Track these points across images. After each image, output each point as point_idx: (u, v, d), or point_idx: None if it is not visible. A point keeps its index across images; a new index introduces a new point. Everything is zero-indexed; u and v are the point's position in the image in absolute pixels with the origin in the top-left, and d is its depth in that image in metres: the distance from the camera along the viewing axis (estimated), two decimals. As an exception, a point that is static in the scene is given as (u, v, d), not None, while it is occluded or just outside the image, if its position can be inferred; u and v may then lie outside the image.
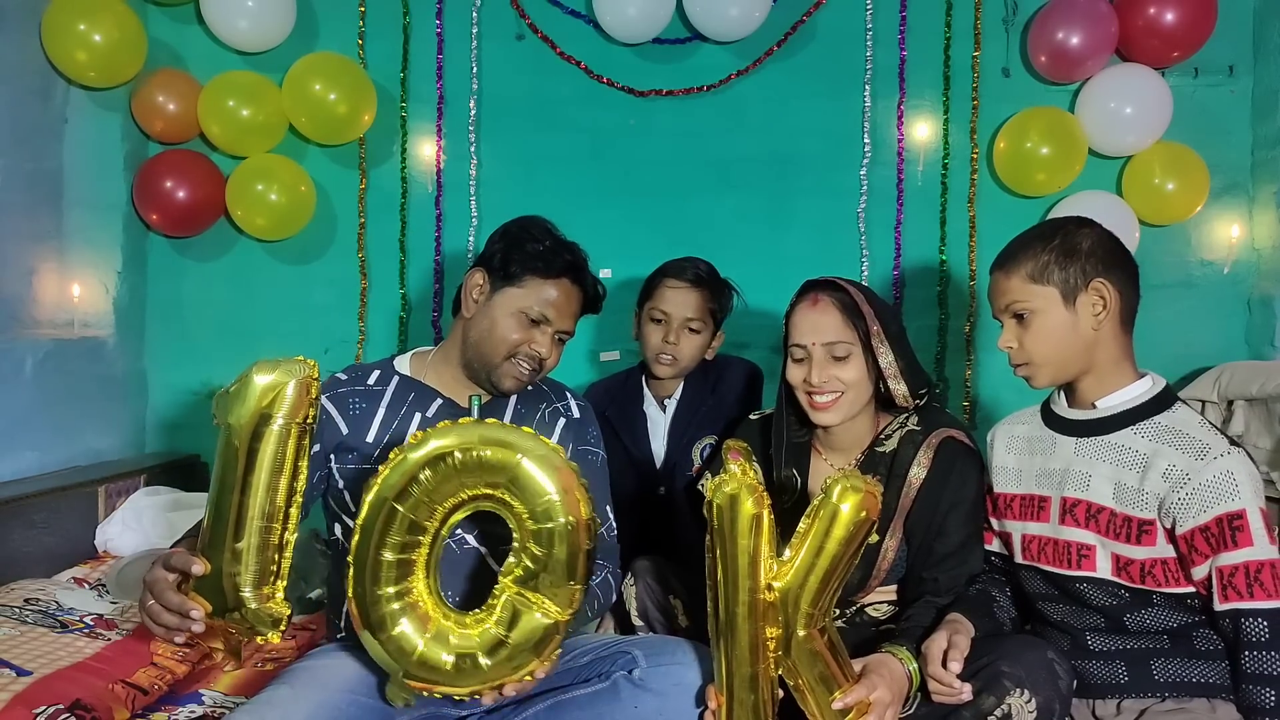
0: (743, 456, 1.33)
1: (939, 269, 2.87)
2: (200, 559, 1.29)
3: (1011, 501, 1.61)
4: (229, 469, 1.30)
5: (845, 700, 1.32)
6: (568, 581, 1.32)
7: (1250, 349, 2.78)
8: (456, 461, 1.28)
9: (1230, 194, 2.81)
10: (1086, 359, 1.49)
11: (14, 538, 2.22)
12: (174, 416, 3.04)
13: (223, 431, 1.31)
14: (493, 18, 2.95)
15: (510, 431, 1.30)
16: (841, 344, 1.58)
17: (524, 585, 1.33)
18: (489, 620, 1.34)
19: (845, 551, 1.28)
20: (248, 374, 1.29)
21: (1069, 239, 1.47)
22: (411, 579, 1.33)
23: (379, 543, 1.30)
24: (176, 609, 1.28)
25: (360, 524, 1.31)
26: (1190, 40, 2.66)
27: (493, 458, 1.28)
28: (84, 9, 2.57)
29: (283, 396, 1.28)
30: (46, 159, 2.65)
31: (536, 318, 1.60)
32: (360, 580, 1.32)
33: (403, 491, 1.29)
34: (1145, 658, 1.48)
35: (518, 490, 1.30)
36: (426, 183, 2.99)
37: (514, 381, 1.61)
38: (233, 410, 1.29)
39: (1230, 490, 1.37)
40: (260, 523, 1.29)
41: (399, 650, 1.33)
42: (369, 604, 1.32)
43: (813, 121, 2.90)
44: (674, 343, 2.14)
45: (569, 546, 1.30)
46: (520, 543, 1.33)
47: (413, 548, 1.32)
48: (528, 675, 1.35)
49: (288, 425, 1.28)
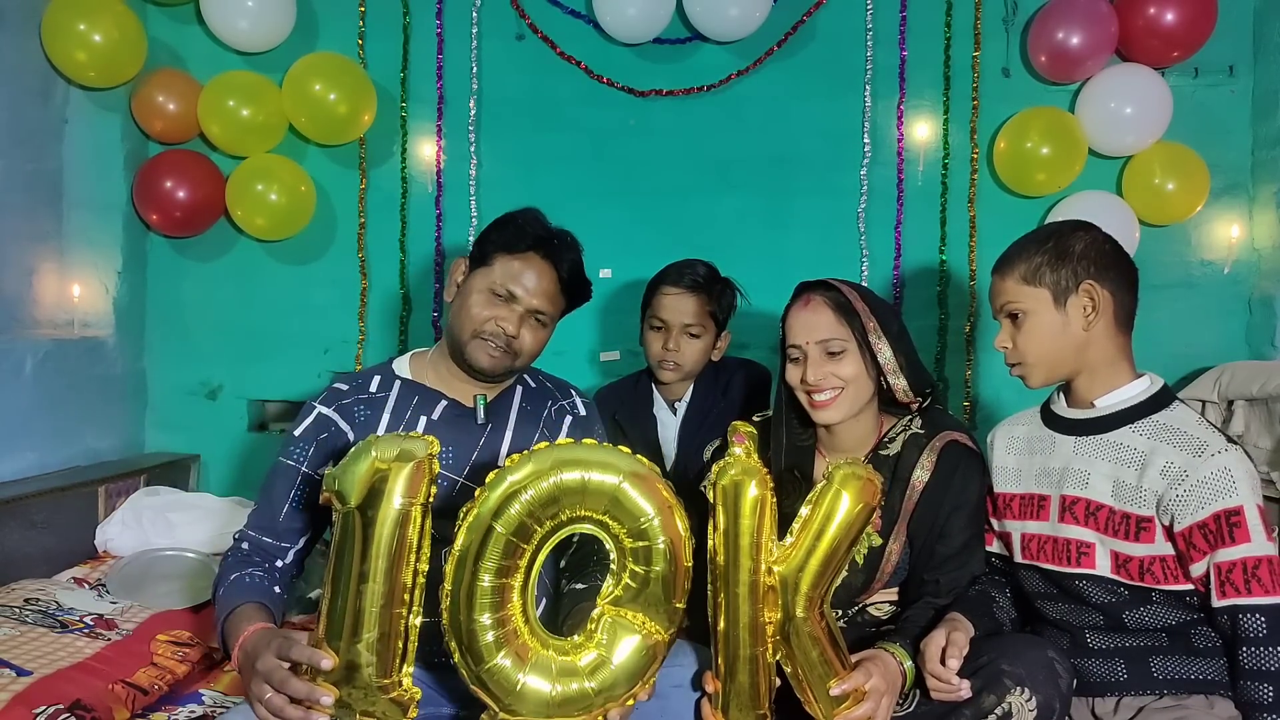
0: (749, 440, 1.34)
1: (939, 269, 2.87)
2: (328, 653, 1.23)
3: (1011, 501, 1.62)
4: (348, 553, 1.23)
5: (842, 686, 1.34)
6: (669, 600, 1.30)
7: (1250, 349, 2.78)
8: (560, 485, 1.25)
9: (1230, 194, 2.81)
10: (1078, 359, 1.51)
11: (14, 538, 2.22)
12: (174, 416, 3.03)
13: (336, 511, 1.25)
14: (493, 18, 2.95)
15: (610, 453, 1.29)
16: (835, 340, 1.58)
17: (625, 606, 1.31)
18: (590, 645, 1.31)
19: (846, 536, 1.31)
20: (363, 450, 1.24)
21: (1063, 242, 1.50)
22: (510, 606, 1.29)
23: (475, 567, 1.25)
24: (305, 698, 1.23)
25: (458, 551, 1.26)
26: (1190, 40, 2.66)
27: (594, 484, 1.26)
28: (84, 9, 2.57)
29: (401, 474, 1.22)
30: (46, 159, 2.64)
31: (502, 293, 1.58)
32: (456, 608, 1.27)
33: (500, 512, 1.25)
34: (1144, 655, 1.48)
35: (618, 513, 1.28)
36: (426, 183, 2.99)
37: (487, 359, 1.59)
38: (346, 489, 1.23)
39: (1228, 487, 1.38)
40: (384, 611, 1.23)
41: (500, 685, 1.27)
42: (466, 634, 1.27)
43: (813, 121, 2.90)
44: (674, 349, 2.14)
45: (669, 564, 1.29)
46: (619, 563, 1.31)
47: (510, 572, 1.27)
48: (630, 699, 1.32)
49: (407, 507, 1.23)
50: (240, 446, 3.02)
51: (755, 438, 1.52)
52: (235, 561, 1.54)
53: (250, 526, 1.58)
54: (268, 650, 1.27)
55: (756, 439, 1.54)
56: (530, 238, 1.60)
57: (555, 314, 1.65)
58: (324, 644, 1.25)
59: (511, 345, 1.59)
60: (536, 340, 1.63)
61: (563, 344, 2.88)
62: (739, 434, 1.35)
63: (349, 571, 1.23)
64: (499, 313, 1.58)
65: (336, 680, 1.24)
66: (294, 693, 1.24)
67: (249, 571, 1.51)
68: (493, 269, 1.60)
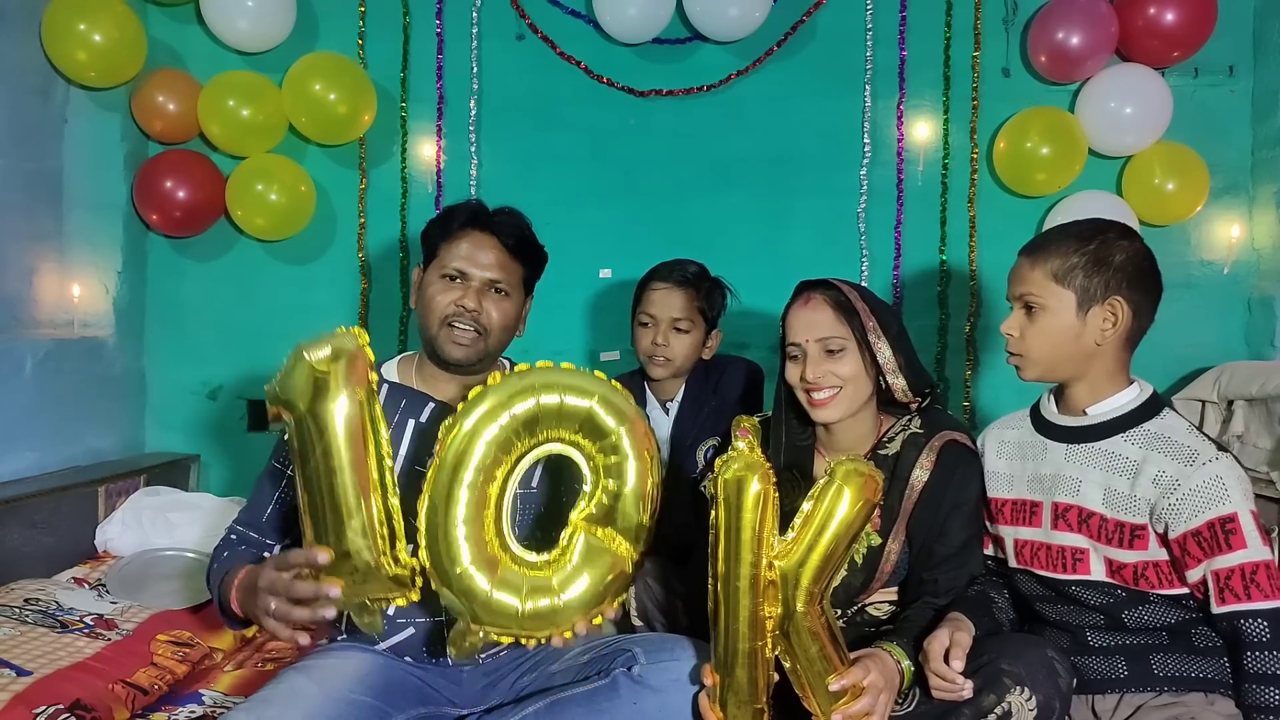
0: (752, 434, 1.35)
1: (939, 269, 2.87)
2: (322, 548, 1.28)
3: (1003, 506, 1.62)
4: (312, 456, 1.27)
5: (840, 682, 1.34)
6: (639, 517, 1.34)
7: (1250, 349, 2.78)
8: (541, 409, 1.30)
9: (1230, 194, 2.81)
10: (1080, 368, 1.50)
11: (14, 538, 2.22)
12: (174, 416, 3.04)
13: (288, 423, 1.29)
14: (493, 18, 2.95)
15: (583, 377, 1.34)
16: (835, 339, 1.58)
17: (597, 524, 1.35)
18: (563, 561, 1.34)
19: (847, 532, 1.32)
20: (296, 357, 1.27)
21: (1105, 248, 1.45)
22: (485, 515, 1.32)
23: (455, 475, 1.29)
24: (313, 594, 1.28)
25: (438, 459, 1.30)
26: (1190, 40, 2.66)
27: (568, 406, 1.31)
28: (84, 9, 2.57)
29: (339, 370, 1.26)
30: (46, 159, 2.65)
31: (453, 273, 1.60)
32: (433, 511, 1.30)
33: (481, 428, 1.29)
34: (1144, 653, 1.48)
35: (590, 431, 1.32)
36: (426, 183, 2.99)
37: (459, 349, 1.60)
38: (291, 397, 1.27)
39: (1220, 495, 1.38)
40: (360, 498, 1.27)
41: (469, 593, 1.30)
42: (441, 537, 1.29)
43: (813, 121, 2.90)
44: (662, 343, 2.15)
45: (640, 479, 1.33)
46: (593, 482, 1.35)
47: (488, 482, 1.31)
48: (598, 616, 1.36)
49: (353, 396, 1.27)
50: (240, 446, 3.02)
51: (759, 432, 1.53)
52: (224, 546, 1.61)
53: (239, 522, 1.64)
54: (265, 569, 1.33)
55: (760, 433, 1.54)
56: (463, 215, 1.63)
57: (514, 280, 1.65)
58: (314, 546, 1.28)
59: (479, 321, 1.60)
60: (502, 312, 1.63)
61: (562, 344, 2.90)
62: (742, 428, 1.36)
63: (318, 472, 1.27)
64: (455, 294, 1.60)
65: (335, 574, 1.28)
66: (300, 594, 1.28)
67: (239, 551, 1.59)
68: (440, 259, 1.63)
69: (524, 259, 1.66)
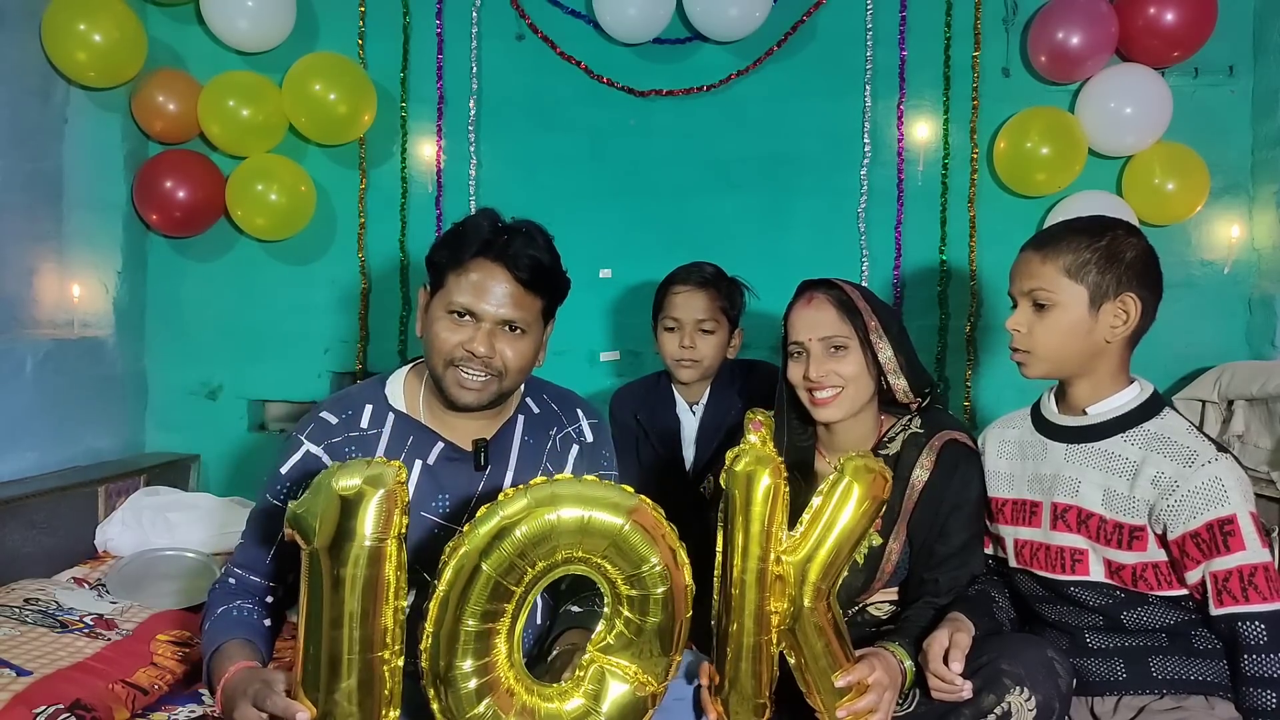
0: (764, 428, 1.35)
1: (939, 269, 2.87)
2: (305, 704, 1.14)
3: (1003, 506, 1.62)
4: (318, 596, 1.13)
5: (846, 678, 1.35)
6: (665, 653, 1.26)
7: (1250, 349, 2.78)
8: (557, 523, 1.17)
9: (1230, 194, 2.80)
10: (1087, 365, 1.49)
11: (14, 538, 2.22)
12: (174, 416, 3.03)
13: (304, 553, 1.14)
14: (493, 18, 2.95)
15: (612, 490, 1.21)
16: (838, 338, 1.59)
17: (616, 654, 1.25)
18: (576, 693, 1.26)
19: (856, 528, 1.32)
20: (325, 483, 1.12)
21: (1117, 244, 1.45)
22: (495, 652, 1.21)
23: (459, 610, 1.17)
24: None
25: (441, 591, 1.18)
26: (1190, 40, 2.66)
27: (595, 523, 1.18)
28: (84, 9, 2.57)
29: (369, 510, 1.11)
30: (46, 159, 2.64)
31: (461, 310, 1.42)
32: (436, 653, 1.19)
33: (489, 550, 1.17)
34: (1144, 655, 1.48)
35: (617, 557, 1.20)
36: (426, 183, 2.99)
37: (468, 393, 1.43)
38: (311, 529, 1.11)
39: (1219, 496, 1.38)
40: (363, 656, 1.13)
41: None
42: (446, 680, 1.19)
43: (813, 121, 2.90)
44: (690, 346, 2.17)
45: (668, 615, 1.24)
46: (612, 608, 1.25)
47: (497, 616, 1.20)
48: None
49: (379, 543, 1.12)
50: (240, 446, 3.02)
51: (771, 426, 1.52)
52: (222, 594, 1.46)
53: (236, 564, 1.49)
54: (244, 700, 1.20)
55: (773, 428, 1.54)
56: (474, 244, 1.42)
57: (531, 316, 1.46)
58: (301, 692, 1.15)
59: (491, 365, 1.43)
60: (519, 352, 1.45)
61: (563, 344, 2.90)
62: (755, 422, 1.36)
63: (321, 615, 1.13)
64: (464, 335, 1.42)
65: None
66: None
67: (237, 604, 1.44)
68: (447, 290, 1.44)
69: (542, 291, 1.47)
